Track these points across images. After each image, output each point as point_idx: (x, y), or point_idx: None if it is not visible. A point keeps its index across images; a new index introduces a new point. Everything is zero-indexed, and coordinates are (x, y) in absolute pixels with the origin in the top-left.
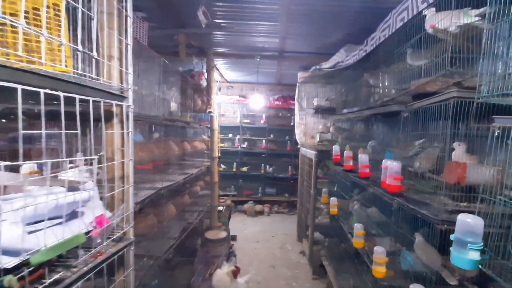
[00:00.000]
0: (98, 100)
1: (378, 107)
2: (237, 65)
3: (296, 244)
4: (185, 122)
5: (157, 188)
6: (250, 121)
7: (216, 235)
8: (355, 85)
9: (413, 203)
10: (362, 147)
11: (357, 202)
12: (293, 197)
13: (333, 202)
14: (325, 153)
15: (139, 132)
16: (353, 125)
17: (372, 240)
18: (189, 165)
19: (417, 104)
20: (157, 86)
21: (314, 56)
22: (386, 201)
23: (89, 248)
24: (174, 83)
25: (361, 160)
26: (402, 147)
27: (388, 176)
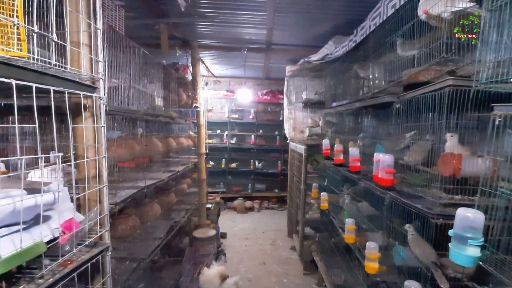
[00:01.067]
0: (62, 90)
1: (368, 99)
2: (224, 58)
3: (286, 240)
4: (170, 118)
5: (139, 187)
6: (239, 117)
7: (204, 233)
8: (345, 78)
9: (406, 197)
10: (352, 140)
11: (348, 196)
12: (283, 193)
13: (324, 197)
14: (314, 148)
15: (118, 127)
16: (342, 118)
17: (364, 235)
18: (175, 162)
19: (410, 94)
20: (137, 78)
21: (302, 48)
22: (377, 195)
23: (57, 256)
24: (157, 76)
25: (351, 153)
26: (393, 140)
27: (381, 170)
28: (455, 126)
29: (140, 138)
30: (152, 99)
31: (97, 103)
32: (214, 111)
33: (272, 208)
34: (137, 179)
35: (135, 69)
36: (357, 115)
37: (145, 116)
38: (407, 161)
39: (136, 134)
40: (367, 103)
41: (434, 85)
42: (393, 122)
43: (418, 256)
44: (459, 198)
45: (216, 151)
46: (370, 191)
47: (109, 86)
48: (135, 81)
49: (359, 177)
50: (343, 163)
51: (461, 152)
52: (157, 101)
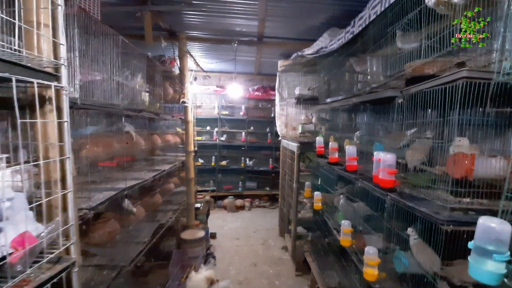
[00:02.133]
0: (6, 77)
1: (367, 94)
2: (214, 51)
3: (278, 239)
4: (154, 113)
5: (119, 189)
6: (229, 113)
7: (193, 235)
8: (340, 72)
9: (408, 199)
10: (348, 138)
11: (343, 196)
12: (275, 191)
13: (317, 196)
14: (307, 145)
15: (94, 123)
16: (337, 115)
17: (361, 238)
18: (161, 161)
19: (415, 88)
20: (116, 70)
21: (296, 42)
22: (376, 196)
23: (5, 278)
24: (139, 68)
25: (348, 152)
26: (393, 138)
27: (382, 170)
28: (468, 123)
29: (120, 135)
30: (135, 93)
31: (59, 95)
32: (204, 107)
33: (264, 207)
34: (118, 180)
35: (114, 59)
36: (353, 112)
37: (125, 111)
38: (409, 160)
39: (116, 130)
40: (365, 98)
41: (446, 77)
42: (393, 118)
43: (421, 263)
44: (467, 202)
45: (205, 149)
46: (367, 191)
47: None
48: (114, 73)
49: (356, 177)
50: (338, 161)
51: (471, 151)
52: (140, 96)
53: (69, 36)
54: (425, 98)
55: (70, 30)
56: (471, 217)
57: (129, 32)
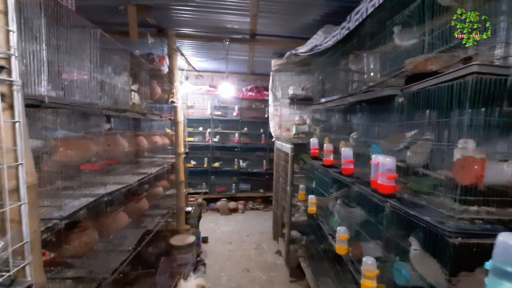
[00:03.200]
0: None
1: (364, 93)
2: (205, 50)
3: (272, 243)
4: (140, 113)
5: (98, 195)
6: (222, 113)
7: (182, 240)
8: (335, 71)
9: (410, 207)
10: (343, 139)
11: (338, 200)
12: (269, 193)
13: (312, 200)
14: (302, 147)
15: (68, 124)
16: (332, 115)
17: (357, 246)
18: (147, 163)
19: (417, 85)
20: (93, 66)
21: (289, 40)
22: (372, 200)
23: None
24: (122, 65)
25: (344, 154)
26: (391, 140)
27: (381, 175)
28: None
29: (99, 137)
30: (118, 92)
31: (10, 91)
32: (196, 108)
33: (257, 209)
34: (99, 185)
35: (91, 54)
36: (348, 112)
37: (104, 110)
38: (411, 164)
39: (94, 132)
40: (362, 97)
41: (453, 73)
42: (392, 119)
43: (424, 275)
44: (474, 210)
45: (198, 150)
46: (364, 195)
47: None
48: (92, 69)
49: (353, 181)
50: (333, 164)
51: (478, 155)
52: (125, 95)
53: (34, 26)
54: (428, 97)
55: (35, 19)
56: (481, 227)
57: (114, 29)
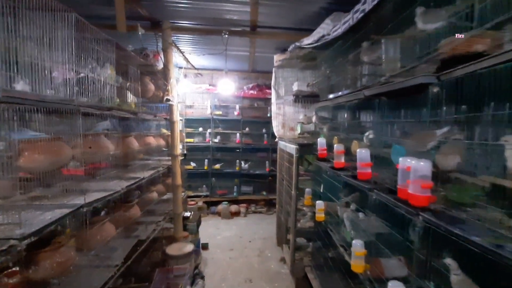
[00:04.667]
0: None
1: (384, 85)
2: (203, 46)
3: (276, 250)
4: (130, 112)
5: (75, 206)
6: (223, 113)
7: (180, 249)
8: (344, 64)
9: (449, 222)
10: (355, 139)
11: (351, 207)
12: (272, 195)
13: (319, 206)
14: (307, 147)
15: (34, 124)
16: (341, 113)
17: (377, 263)
18: (139, 167)
19: (461, 70)
20: (67, 56)
21: (292, 32)
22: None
23: None
24: (106, 58)
25: (360, 156)
26: (418, 139)
27: (412, 182)
28: None
29: (73, 138)
30: (101, 88)
31: None
32: (196, 107)
33: (260, 212)
34: (80, 192)
35: (64, 43)
36: (361, 109)
37: (82, 108)
38: (446, 167)
39: (70, 132)
40: (383, 89)
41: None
42: (420, 114)
43: None
44: None
45: (198, 151)
46: (381, 202)
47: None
48: (65, 60)
49: (370, 187)
50: (345, 167)
51: None
52: (110, 91)
53: None
54: (471, 84)
55: None
56: None
57: (104, 22)
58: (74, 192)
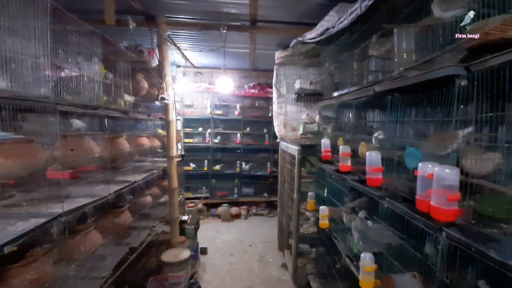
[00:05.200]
0: None
1: (398, 79)
2: (201, 43)
3: (277, 255)
4: (120, 111)
5: (50, 215)
6: (223, 113)
7: (176, 255)
8: (350, 59)
9: (480, 241)
10: (362, 140)
11: (360, 214)
12: (273, 197)
13: (323, 212)
14: (310, 149)
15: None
16: (346, 112)
17: (388, 280)
18: (131, 170)
19: (502, 57)
20: (42, 48)
21: (295, 27)
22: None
23: None
24: (92, 51)
25: (370, 160)
26: (437, 140)
27: (436, 192)
28: None
29: (53, 139)
30: (85, 83)
31: None
32: (195, 107)
33: (261, 215)
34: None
35: (40, 33)
36: (369, 107)
37: (60, 106)
38: (477, 173)
39: (44, 133)
40: (395, 84)
41: None
42: (438, 112)
43: None
44: None
45: (197, 152)
46: (394, 210)
47: None
48: (41, 53)
49: (382, 195)
50: (351, 170)
51: None
52: (97, 88)
53: None
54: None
55: None
56: None
57: (94, 17)
58: (57, 198)
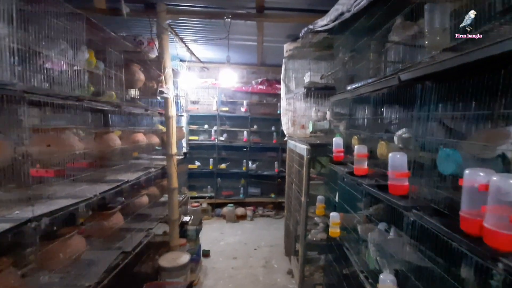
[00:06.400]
0: None
1: (442, 62)
2: (205, 33)
3: (283, 260)
4: (111, 105)
5: (18, 221)
6: (229, 109)
7: (174, 260)
8: (369, 47)
9: None
10: (382, 139)
11: (380, 225)
12: (281, 198)
13: (334, 219)
14: (320, 148)
15: None
16: (361, 107)
17: None
18: (125, 168)
19: None
20: (7, 28)
21: (306, 14)
22: (438, 235)
23: None
24: (75, 36)
25: (394, 163)
26: (481, 139)
27: (493, 211)
28: None
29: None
30: (64, 72)
31: None
32: (201, 103)
33: (268, 216)
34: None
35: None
36: (389, 101)
37: (28, 95)
38: None
39: (8, 125)
40: (435, 68)
41: None
42: (485, 103)
43: None
44: None
45: (202, 150)
46: (423, 226)
47: None
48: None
49: (409, 206)
50: (368, 174)
51: None
52: (81, 77)
53: None
54: None
55: None
56: None
57: (90, 5)
58: (37, 199)
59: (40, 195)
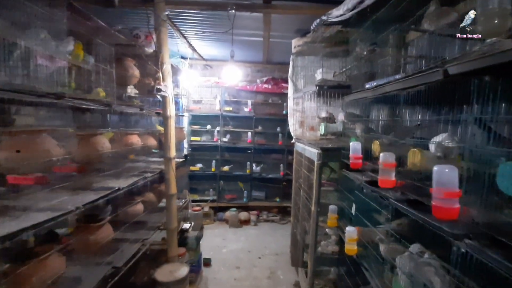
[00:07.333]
0: None
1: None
2: (208, 27)
3: (289, 271)
4: (100, 103)
5: None
6: (233, 109)
7: (171, 273)
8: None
9: None
10: (415, 147)
11: (410, 249)
12: (286, 202)
13: (351, 235)
14: (332, 153)
15: None
16: (383, 108)
17: None
18: (116, 174)
19: None
20: None
21: (317, 5)
22: None
23: None
24: (55, 24)
25: (440, 179)
26: None
27: None
28: None
29: None
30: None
31: None
32: (204, 102)
33: (273, 221)
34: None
35: None
36: (421, 102)
37: None
38: None
39: None
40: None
41: None
42: None
43: None
44: None
45: (205, 151)
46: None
47: None
48: None
49: (460, 234)
50: (395, 187)
51: None
52: (62, 71)
53: None
54: None
55: None
56: None
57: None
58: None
59: (14, 207)
